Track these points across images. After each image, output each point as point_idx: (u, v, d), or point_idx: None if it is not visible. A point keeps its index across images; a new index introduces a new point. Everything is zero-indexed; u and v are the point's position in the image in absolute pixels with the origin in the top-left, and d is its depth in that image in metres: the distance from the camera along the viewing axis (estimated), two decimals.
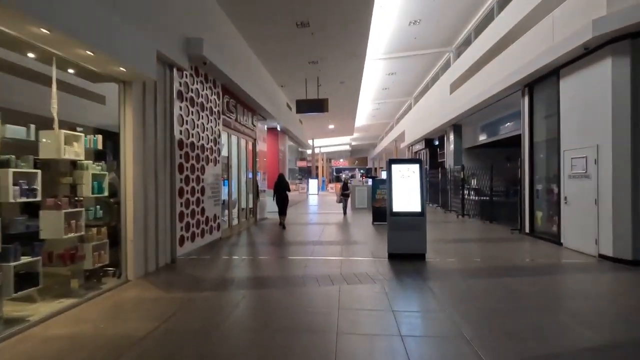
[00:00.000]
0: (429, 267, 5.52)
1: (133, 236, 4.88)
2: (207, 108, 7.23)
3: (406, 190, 6.04)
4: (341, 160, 54.22)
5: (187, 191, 6.33)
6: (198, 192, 6.75)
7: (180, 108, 6.15)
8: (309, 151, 30.16)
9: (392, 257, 6.00)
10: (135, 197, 4.94)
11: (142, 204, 5.11)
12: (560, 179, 6.98)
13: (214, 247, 7.16)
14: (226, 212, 8.73)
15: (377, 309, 3.79)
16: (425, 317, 3.63)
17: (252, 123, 10.71)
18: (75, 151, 4.15)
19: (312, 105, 13.34)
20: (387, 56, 14.55)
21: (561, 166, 6.96)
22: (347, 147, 45.91)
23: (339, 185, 37.02)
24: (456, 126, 14.15)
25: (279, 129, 14.29)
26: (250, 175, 10.98)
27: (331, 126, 25.71)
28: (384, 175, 34.43)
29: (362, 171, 58.90)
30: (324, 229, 9.73)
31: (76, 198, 4.16)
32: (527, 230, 8.21)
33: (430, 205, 17.09)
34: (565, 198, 6.80)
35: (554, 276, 5.17)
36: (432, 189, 16.84)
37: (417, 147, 20.78)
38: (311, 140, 28.78)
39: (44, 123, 3.85)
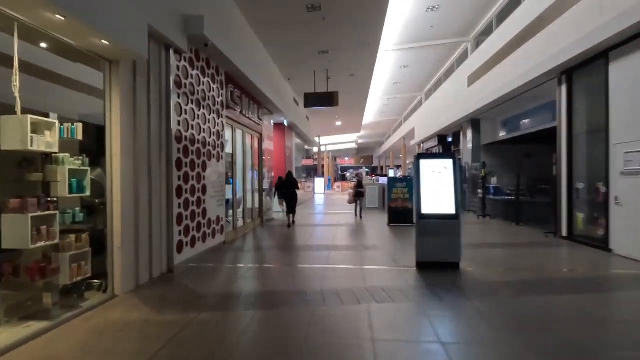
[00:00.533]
0: (467, 279, 4.72)
1: (121, 243, 4.14)
2: (209, 97, 6.47)
3: (437, 189, 5.23)
4: (346, 158, 53.32)
5: (186, 190, 5.58)
6: (199, 191, 6.00)
7: (179, 96, 5.39)
8: (315, 149, 29.40)
9: (422, 266, 5.21)
10: (124, 197, 4.19)
11: (133, 204, 4.36)
12: (609, 177, 6.14)
13: (217, 252, 6.40)
14: (230, 212, 7.99)
15: (422, 340, 3.01)
16: (488, 354, 2.82)
17: (258, 117, 9.95)
18: (47, 142, 3.40)
19: (321, 99, 12.56)
20: (400, 47, 13.72)
21: (610, 162, 6.12)
22: (354, 145, 45.07)
23: (349, 184, 36.28)
24: (474, 121, 13.29)
25: (285, 124, 13.52)
26: (257, 173, 10.23)
27: (338, 123, 24.91)
28: (391, 173, 33.61)
29: (366, 170, 58.15)
30: (337, 231, 8.96)
31: (48, 199, 3.42)
32: (564, 233, 7.37)
33: None
34: (616, 198, 5.96)
35: (627, 292, 4.34)
36: None
37: (429, 144, 19.92)
38: (317, 138, 28.01)
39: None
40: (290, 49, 10.90)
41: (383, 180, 16.56)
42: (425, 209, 5.20)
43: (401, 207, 9.79)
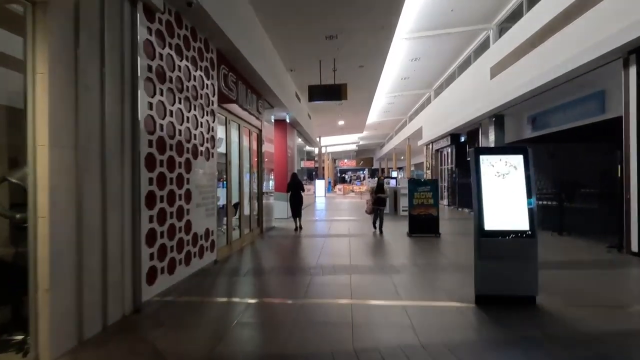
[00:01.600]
0: (558, 325, 3.32)
1: (50, 281, 2.70)
2: (195, 78, 5.05)
3: (505, 196, 3.84)
4: (345, 160, 51.93)
5: (162, 198, 4.14)
6: (180, 199, 4.57)
7: (150, 69, 3.97)
8: (315, 150, 28.05)
9: (484, 301, 3.79)
10: (56, 210, 2.76)
11: (72, 221, 2.92)
12: None
13: (205, 278, 4.96)
14: (225, 222, 6.56)
15: None
16: None
17: (258, 109, 8.54)
18: None
19: (328, 92, 11.17)
20: (415, 35, 12.38)
21: None
22: (354, 147, 43.74)
23: (350, 186, 34.88)
24: (498, 117, 11.95)
25: (287, 120, 12.11)
26: (255, 175, 8.81)
27: (341, 122, 23.54)
28: (394, 175, 32.22)
29: (363, 172, 56.78)
30: (350, 243, 7.54)
31: None
32: (634, 248, 6.00)
33: (461, 209, 14.88)
34: None
35: None
36: (464, 192, 14.61)
37: (441, 143, 18.58)
38: (318, 138, 26.64)
39: None
40: (295, 33, 9.50)
41: (392, 183, 15.18)
42: (490, 224, 3.79)
43: (424, 215, 8.39)
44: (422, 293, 4.32)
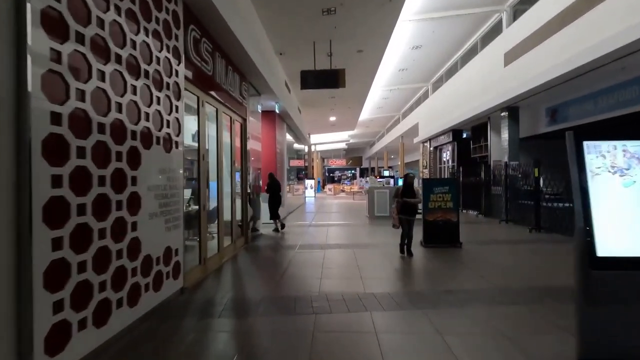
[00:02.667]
0: None
1: None
2: (147, 31, 3.51)
3: (627, 203, 2.46)
4: (335, 159, 50.56)
5: (83, 207, 2.60)
6: (120, 207, 3.03)
7: None
8: (305, 148, 26.49)
9: None
10: None
11: None
12: None
13: (161, 323, 3.41)
14: (211, 229, 5.02)
15: None
16: None
17: (241, 93, 7.01)
18: None
19: (323, 78, 9.69)
20: (421, 17, 11.04)
21: None
22: (343, 146, 42.44)
23: (340, 186, 33.48)
24: (512, 110, 10.71)
25: (277, 110, 10.58)
26: (238, 173, 7.29)
27: (332, 118, 22.13)
28: (386, 175, 31.06)
29: (352, 172, 55.64)
30: (357, 258, 6.09)
31: None
32: None
33: (465, 211, 13.65)
34: None
35: None
36: (469, 192, 13.38)
37: (440, 140, 17.35)
38: (308, 135, 25.17)
39: None
40: (287, 2, 8.00)
41: (392, 182, 13.82)
42: (606, 247, 2.40)
43: (442, 220, 7.02)
44: (484, 354, 2.91)
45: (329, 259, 6.07)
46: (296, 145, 19.99)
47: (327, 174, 54.61)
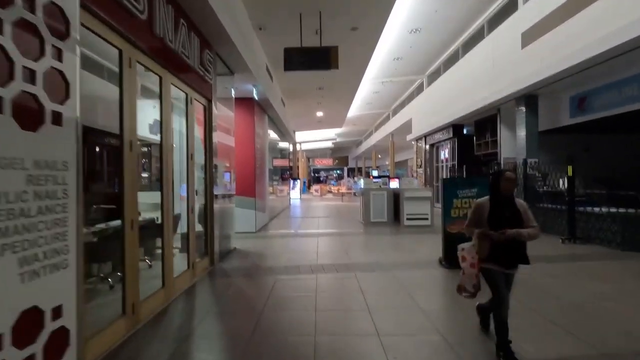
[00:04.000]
0: None
1: None
2: None
3: None
4: (322, 159, 48.82)
5: None
6: None
7: None
8: (290, 147, 24.67)
9: None
10: None
11: None
12: None
13: None
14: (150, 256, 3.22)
15: None
16: None
17: (203, 64, 5.20)
18: None
19: (311, 57, 7.97)
20: None
21: None
22: (330, 145, 40.83)
23: (326, 186, 31.74)
24: (530, 99, 9.26)
25: (255, 97, 8.76)
26: (200, 171, 5.49)
27: (319, 113, 20.44)
28: (375, 174, 29.60)
29: (338, 172, 54.17)
30: (364, 288, 4.41)
31: None
32: None
33: None
34: None
35: None
36: None
37: (437, 137, 15.88)
38: (293, 132, 23.41)
39: None
40: None
41: (390, 185, 12.19)
42: None
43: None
44: None
45: (324, 293, 4.33)
46: (281, 145, 18.20)
47: (312, 174, 53.00)
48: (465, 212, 5.39)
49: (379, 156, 42.40)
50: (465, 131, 14.38)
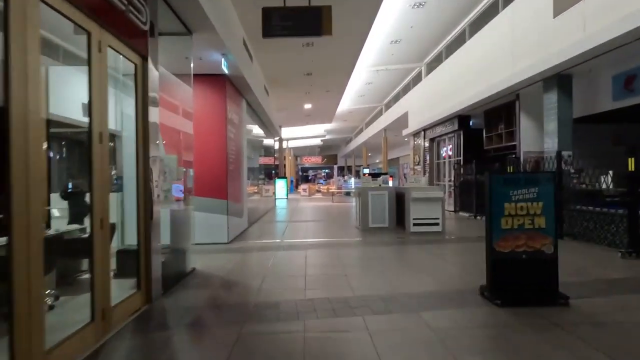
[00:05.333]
0: None
1: None
2: None
3: None
4: (311, 157, 46.97)
5: None
6: None
7: None
8: (275, 144, 22.74)
9: None
10: None
11: None
12: None
13: None
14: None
15: None
16: None
17: (134, 3, 3.36)
18: None
19: (297, 19, 6.16)
20: None
21: None
22: (319, 142, 39.05)
23: (315, 185, 30.09)
24: (562, 79, 7.67)
25: (226, 70, 6.86)
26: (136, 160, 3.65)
27: (308, 106, 18.63)
28: (366, 172, 28.07)
29: (326, 171, 52.53)
30: (378, 349, 2.68)
31: None
32: None
33: (481, 218, 10.59)
34: None
35: None
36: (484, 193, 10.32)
37: (439, 130, 14.27)
38: (279, 128, 21.54)
39: None
40: None
41: (391, 183, 10.46)
42: None
43: (527, 253, 3.66)
44: None
45: (320, 347, 2.57)
46: (266, 142, 16.31)
47: (300, 173, 51.23)
48: (522, 222, 3.68)
49: (369, 154, 40.90)
50: (470, 124, 12.81)
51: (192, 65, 5.49)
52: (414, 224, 8.08)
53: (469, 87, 11.05)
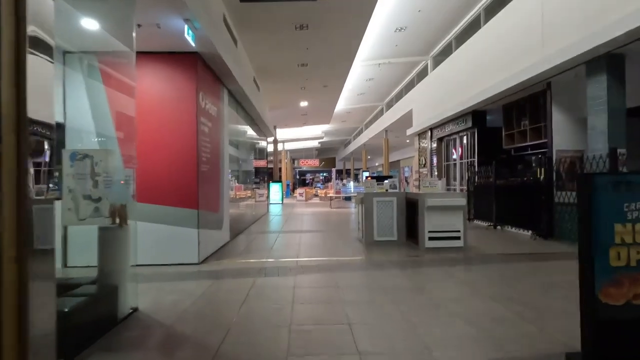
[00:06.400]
0: None
1: None
2: None
3: None
4: (308, 160, 45.50)
5: None
6: None
7: None
8: (270, 146, 21.24)
9: None
10: None
11: None
12: None
13: None
14: None
15: None
16: None
17: None
18: None
19: None
20: None
21: None
22: (316, 144, 37.65)
23: (313, 190, 28.60)
24: (613, 61, 6.25)
25: (192, 44, 5.34)
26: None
27: (304, 103, 17.21)
28: (365, 176, 26.70)
29: (324, 175, 51.12)
30: None
31: None
32: None
33: (501, 228, 9.13)
34: None
35: None
36: (509, 199, 8.84)
37: (450, 128, 12.86)
38: (273, 128, 20.08)
39: None
40: None
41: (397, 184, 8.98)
42: None
43: None
44: None
45: None
46: (261, 144, 14.83)
47: (297, 177, 49.80)
48: None
49: (368, 157, 39.55)
50: (488, 118, 11.41)
51: (134, 28, 4.03)
52: (430, 238, 6.61)
53: (486, 78, 9.65)
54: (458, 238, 6.64)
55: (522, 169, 9.10)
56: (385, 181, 8.56)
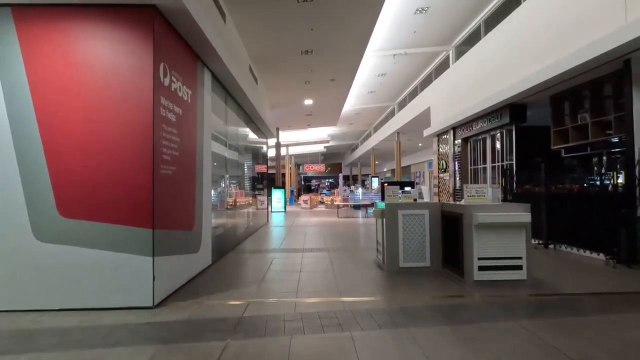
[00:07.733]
0: None
1: None
2: None
3: None
4: (313, 165, 43.75)
5: None
6: None
7: None
8: (269, 152, 19.52)
9: None
10: None
11: None
12: None
13: None
14: None
15: None
16: None
17: None
18: None
19: None
20: None
21: None
22: (322, 149, 35.93)
23: (318, 196, 26.85)
24: None
25: (148, 6, 3.67)
26: None
27: (308, 101, 15.52)
28: (375, 183, 24.80)
29: (329, 181, 49.35)
30: None
31: None
32: None
33: (554, 247, 7.25)
34: None
35: None
36: (570, 211, 6.97)
37: (479, 126, 11.02)
38: (276, 130, 18.42)
39: None
40: None
41: (423, 192, 7.15)
42: None
43: None
44: None
45: None
46: (264, 150, 13.13)
47: (302, 183, 48.14)
48: None
49: (376, 162, 37.76)
50: (528, 112, 9.57)
51: None
52: (480, 267, 4.78)
53: (526, 64, 7.86)
54: (519, 267, 4.80)
55: (583, 173, 7.25)
56: (408, 188, 6.76)
